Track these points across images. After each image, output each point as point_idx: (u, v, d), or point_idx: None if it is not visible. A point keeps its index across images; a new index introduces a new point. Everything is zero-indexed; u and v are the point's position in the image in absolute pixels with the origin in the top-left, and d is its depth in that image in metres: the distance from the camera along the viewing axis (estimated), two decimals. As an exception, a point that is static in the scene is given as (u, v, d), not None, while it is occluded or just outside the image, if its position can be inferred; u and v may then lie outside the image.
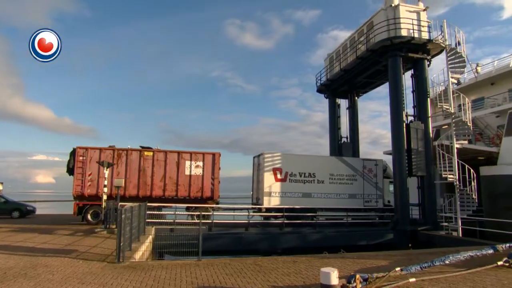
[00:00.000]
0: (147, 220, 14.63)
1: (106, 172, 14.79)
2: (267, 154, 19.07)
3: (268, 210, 18.55)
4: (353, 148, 24.55)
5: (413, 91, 19.41)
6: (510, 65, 22.73)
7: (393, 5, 18.69)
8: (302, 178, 19.21)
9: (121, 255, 8.50)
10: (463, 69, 18.68)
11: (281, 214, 17.68)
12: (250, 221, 17.15)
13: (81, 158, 16.87)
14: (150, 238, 12.78)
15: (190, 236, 10.64)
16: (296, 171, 19.17)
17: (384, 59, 19.17)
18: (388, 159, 21.59)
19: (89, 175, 16.86)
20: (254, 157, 20.71)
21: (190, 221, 16.79)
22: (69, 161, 17.27)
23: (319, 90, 26.10)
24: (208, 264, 8.82)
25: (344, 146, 24.52)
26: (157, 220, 15.99)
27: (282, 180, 18.81)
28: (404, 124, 18.33)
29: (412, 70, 19.63)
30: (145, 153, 17.82)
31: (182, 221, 16.31)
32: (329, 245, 14.63)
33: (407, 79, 19.63)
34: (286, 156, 19.77)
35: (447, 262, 8.25)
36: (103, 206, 14.83)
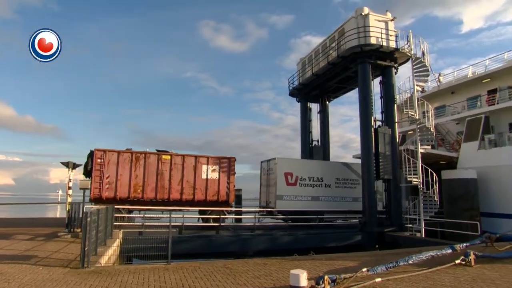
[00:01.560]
0: (115, 223, 14.21)
1: (71, 174, 14.21)
2: (280, 159, 20.08)
3: (280, 212, 19.35)
4: (324, 151, 25.07)
5: (381, 97, 20.13)
6: (468, 76, 24.19)
7: (363, 14, 19.32)
8: (311, 182, 20.24)
9: (85, 260, 8.16)
10: (427, 78, 19.68)
11: (293, 216, 18.68)
12: (221, 224, 17.08)
13: (99, 160, 16.57)
14: (118, 241, 12.39)
15: (159, 239, 10.41)
16: (306, 175, 20.16)
17: (354, 66, 19.75)
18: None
19: (107, 177, 16.60)
20: (262, 162, 21.74)
21: (159, 224, 16.45)
22: (86, 164, 16.85)
23: (291, 94, 26.47)
24: (178, 267, 8.67)
25: (315, 150, 25.00)
26: (125, 223, 15.55)
27: (293, 184, 19.74)
28: (373, 129, 18.92)
29: (381, 77, 20.34)
30: (163, 156, 17.77)
31: (151, 224, 15.93)
32: (299, 247, 14.81)
33: (375, 85, 20.40)
34: (297, 161, 21.46)
35: (410, 262, 8.60)
36: (67, 209, 14.22)
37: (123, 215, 16.50)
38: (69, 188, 14.24)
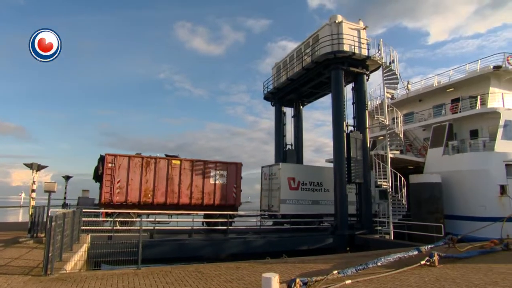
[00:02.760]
0: (82, 228, 13.68)
1: (35, 176, 13.54)
2: (284, 164, 21.46)
3: (284, 216, 20.12)
4: (297, 155, 25.41)
5: (353, 103, 20.66)
6: (434, 85, 25.36)
7: (337, 21, 19.82)
8: (312, 187, 21.30)
9: (49, 266, 7.76)
10: (396, 85, 20.43)
11: (295, 220, 19.52)
12: (194, 227, 16.87)
13: (110, 165, 16.67)
14: (85, 246, 11.92)
15: (129, 244, 10.13)
16: (307, 180, 21.29)
17: (328, 71, 20.19)
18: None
19: (118, 182, 16.70)
20: (263, 167, 22.85)
21: (129, 227, 16.02)
22: (97, 168, 16.91)
23: (266, 98, 26.67)
24: (148, 272, 8.46)
25: (288, 153, 25.27)
26: (94, 228, 15.00)
27: (295, 189, 20.80)
28: (345, 133, 19.34)
29: (353, 83, 20.89)
30: (173, 161, 18.08)
31: (121, 227, 15.47)
32: (272, 250, 14.89)
33: (348, 91, 20.88)
34: (299, 166, 22.91)
35: (379, 263, 8.84)
36: (30, 213, 13.52)
37: (133, 219, 16.70)
38: (33, 190, 13.56)
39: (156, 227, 16.14)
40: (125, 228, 15.88)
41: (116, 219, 15.81)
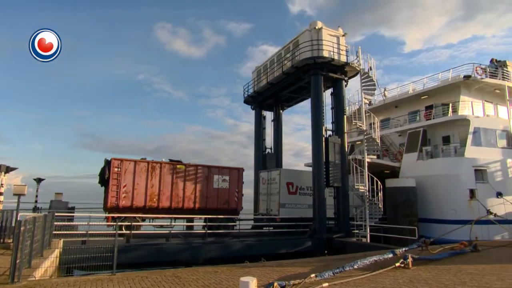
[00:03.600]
0: (55, 232, 13.19)
1: (3, 178, 12.98)
2: (283, 170, 22.09)
3: (283, 219, 20.37)
4: (277, 159, 25.54)
5: (332, 108, 21.01)
6: (409, 92, 26.17)
7: (316, 27, 20.15)
8: (309, 191, 21.32)
9: (16, 274, 7.36)
10: (373, 92, 20.96)
11: (295, 223, 19.78)
12: (172, 231, 16.62)
13: (116, 169, 16.67)
14: (57, 252, 11.50)
15: (104, 249, 9.86)
16: (304, 185, 21.65)
17: (307, 76, 20.46)
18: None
19: (124, 186, 16.70)
20: (260, 172, 23.60)
21: (106, 232, 15.58)
22: (102, 172, 16.80)
23: (246, 101, 26.73)
24: (123, 278, 8.25)
25: (268, 157, 25.38)
26: (67, 232, 14.50)
27: (294, 193, 21.37)
28: (324, 138, 19.61)
29: (332, 88, 21.25)
30: (178, 166, 18.35)
31: (96, 232, 15.01)
32: (251, 254, 14.83)
33: (327, 96, 21.20)
34: (297, 171, 22.99)
35: (355, 266, 9.00)
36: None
37: (139, 223, 16.83)
38: (0, 194, 12.97)
39: (133, 232, 15.80)
40: (100, 232, 15.43)
41: (122, 223, 15.78)
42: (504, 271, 8.95)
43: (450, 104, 22.54)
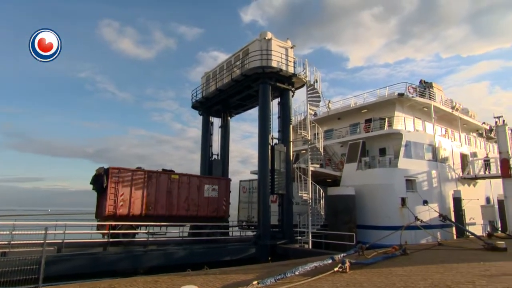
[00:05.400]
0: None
1: None
2: None
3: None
4: (223, 165, 25.43)
5: (279, 117, 21.53)
6: (351, 106, 27.83)
7: (266, 38, 20.63)
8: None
9: None
10: (318, 103, 21.82)
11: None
12: (110, 240, 15.66)
13: (114, 178, 17.11)
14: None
15: (30, 261, 8.97)
16: None
17: (256, 85, 20.79)
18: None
19: (121, 195, 17.15)
20: (241, 181, 24.51)
21: (31, 242, 14.16)
22: (101, 181, 16.98)
23: (194, 107, 26.37)
24: (51, 292, 7.56)
25: (214, 163, 25.18)
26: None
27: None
28: (270, 146, 20.00)
29: (279, 98, 21.79)
30: (172, 176, 19.37)
31: (19, 242, 13.57)
32: (194, 261, 14.54)
33: (274, 106, 21.70)
34: None
35: (297, 273, 9.22)
36: None
37: (136, 231, 17.62)
38: None
39: (65, 241, 14.62)
40: (25, 242, 14.00)
41: (119, 231, 16.33)
42: (427, 271, 9.80)
43: (386, 119, 24.35)
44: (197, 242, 18.30)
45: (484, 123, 33.26)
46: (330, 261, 10.60)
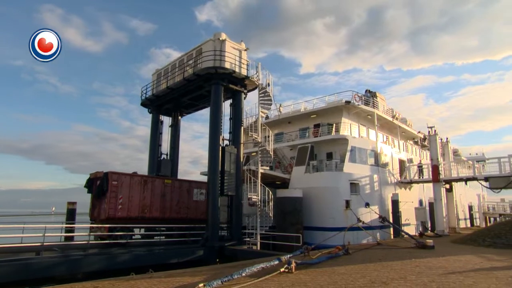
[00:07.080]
0: None
1: None
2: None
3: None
4: (172, 166, 24.81)
5: (230, 119, 21.52)
6: (301, 110, 28.72)
7: (220, 38, 20.56)
8: None
9: None
10: (270, 107, 22.28)
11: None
12: (44, 244, 14.46)
13: (114, 182, 17.90)
14: None
15: None
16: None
17: (208, 85, 20.59)
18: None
19: (120, 198, 17.94)
20: None
21: None
22: (100, 185, 17.77)
23: (144, 104, 25.45)
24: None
25: (163, 163, 24.45)
26: None
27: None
28: (220, 147, 19.94)
29: (231, 100, 21.83)
30: (166, 180, 20.60)
31: None
32: (139, 265, 13.91)
33: (226, 107, 21.65)
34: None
35: (244, 274, 9.25)
36: None
37: (134, 233, 19.27)
38: None
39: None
40: None
41: (118, 233, 17.24)
42: (366, 269, 10.41)
43: (334, 124, 25.51)
44: (142, 245, 17.65)
45: (419, 132, 36.26)
46: (277, 262, 10.80)
